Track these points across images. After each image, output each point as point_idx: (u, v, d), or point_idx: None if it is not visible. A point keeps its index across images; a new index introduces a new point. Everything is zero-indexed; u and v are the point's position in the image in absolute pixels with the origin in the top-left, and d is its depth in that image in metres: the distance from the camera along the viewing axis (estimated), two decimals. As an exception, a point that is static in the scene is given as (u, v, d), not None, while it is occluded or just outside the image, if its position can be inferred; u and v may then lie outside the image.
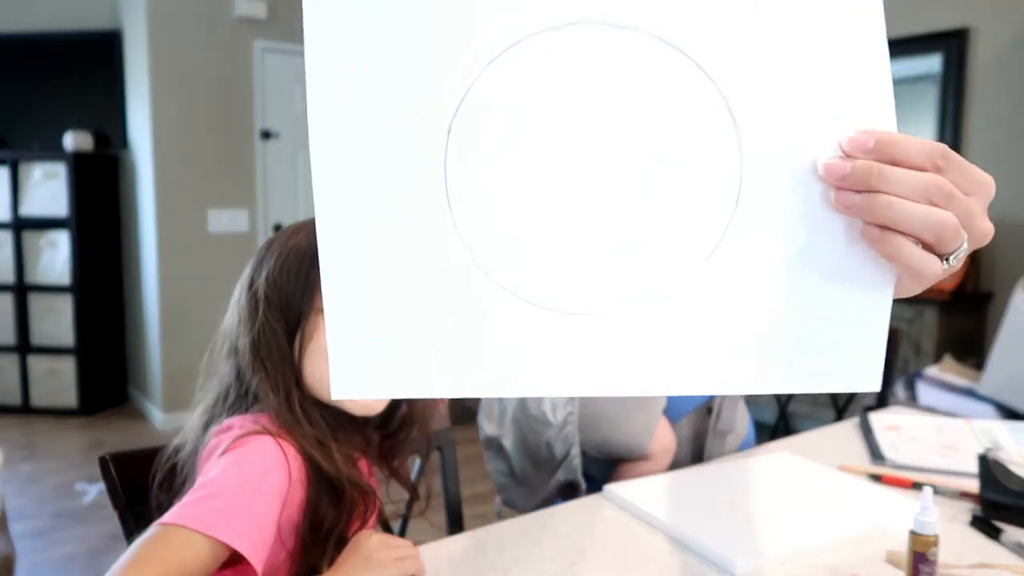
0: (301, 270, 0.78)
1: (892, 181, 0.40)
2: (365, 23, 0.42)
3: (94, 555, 2.53)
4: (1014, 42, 3.00)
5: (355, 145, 0.43)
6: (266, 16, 3.98)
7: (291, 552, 0.76)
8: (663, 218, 0.44)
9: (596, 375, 0.45)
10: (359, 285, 0.44)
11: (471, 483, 3.28)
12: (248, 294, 0.80)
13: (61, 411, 4.02)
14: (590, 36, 0.43)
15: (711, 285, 0.45)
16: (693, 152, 0.44)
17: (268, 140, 4.08)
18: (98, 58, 4.04)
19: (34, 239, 4.01)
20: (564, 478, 1.04)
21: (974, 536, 0.88)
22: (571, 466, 1.03)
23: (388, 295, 0.45)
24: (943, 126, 3.21)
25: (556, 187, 0.44)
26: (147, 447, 0.91)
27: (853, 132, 0.41)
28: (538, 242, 0.44)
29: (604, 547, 0.84)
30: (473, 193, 0.44)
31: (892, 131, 0.42)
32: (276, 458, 0.73)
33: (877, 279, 0.44)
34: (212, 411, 0.82)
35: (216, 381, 0.83)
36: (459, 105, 0.43)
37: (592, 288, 0.45)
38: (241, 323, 0.80)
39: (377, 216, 0.44)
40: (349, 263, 0.44)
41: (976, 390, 1.94)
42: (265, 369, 0.78)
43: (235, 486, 0.69)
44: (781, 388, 0.47)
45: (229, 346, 0.82)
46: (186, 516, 0.66)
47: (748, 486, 0.99)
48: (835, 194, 0.42)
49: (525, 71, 0.43)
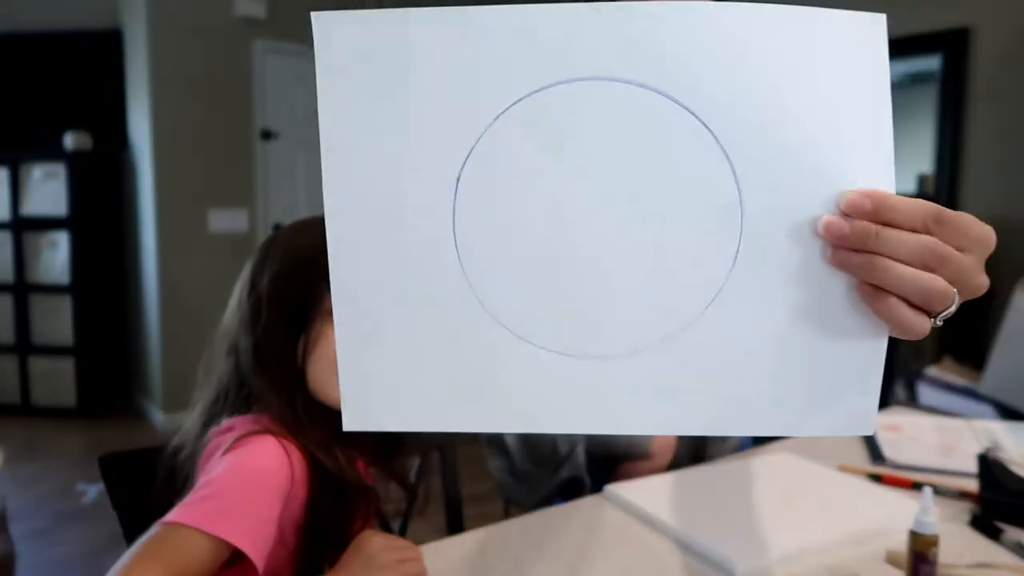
0: (306, 272, 0.77)
1: (888, 243, 0.41)
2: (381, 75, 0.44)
3: (94, 555, 2.53)
4: (1014, 42, 3.00)
5: (368, 192, 0.45)
6: (266, 16, 3.98)
7: (293, 552, 0.76)
8: (664, 268, 0.46)
9: (595, 415, 0.47)
10: (372, 326, 0.47)
11: (471, 483, 3.27)
12: (250, 295, 0.80)
13: (61, 411, 4.02)
14: (596, 91, 0.44)
15: (709, 334, 0.47)
16: (695, 206, 0.45)
17: (268, 140, 4.08)
18: (98, 58, 4.04)
19: (34, 239, 4.01)
20: (568, 475, 1.04)
21: (974, 536, 0.88)
22: (575, 463, 1.03)
23: (400, 336, 0.47)
24: (943, 126, 3.21)
25: (561, 237, 0.46)
26: (147, 447, 0.91)
27: (852, 192, 0.43)
28: (543, 289, 0.46)
29: (604, 547, 0.84)
30: (480, 240, 0.46)
31: (890, 191, 0.43)
32: (278, 457, 0.73)
33: (871, 333, 0.45)
34: (212, 411, 0.81)
35: (215, 380, 0.82)
36: (467, 156, 0.45)
37: (594, 334, 0.47)
38: (243, 324, 0.79)
39: (389, 260, 0.46)
40: (362, 305, 0.46)
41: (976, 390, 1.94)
42: (268, 371, 0.77)
43: (237, 485, 0.69)
44: (777, 432, 0.48)
45: (229, 346, 0.81)
46: (188, 515, 0.66)
47: (748, 486, 0.99)
48: (832, 252, 0.44)
49: (532, 124, 0.45)
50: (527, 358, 0.47)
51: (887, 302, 0.42)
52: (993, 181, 3.07)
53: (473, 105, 0.45)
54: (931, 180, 3.27)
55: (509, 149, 0.45)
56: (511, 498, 1.06)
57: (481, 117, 0.45)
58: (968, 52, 3.13)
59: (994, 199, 3.06)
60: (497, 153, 0.45)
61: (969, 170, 3.15)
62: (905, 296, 0.42)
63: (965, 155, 3.16)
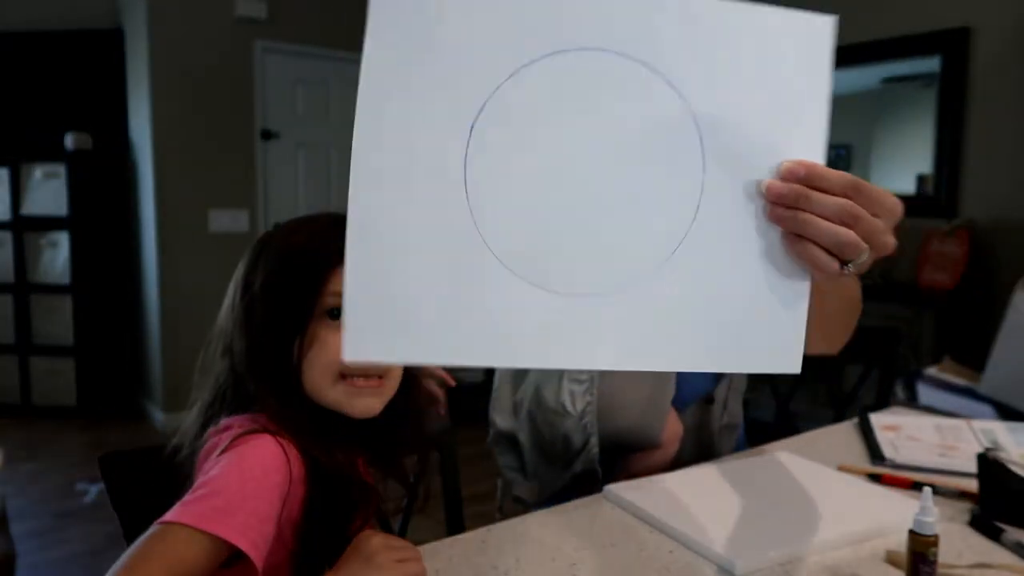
0: (301, 273, 0.77)
1: (814, 203, 0.53)
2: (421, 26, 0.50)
3: (94, 555, 2.53)
4: (1014, 42, 3.00)
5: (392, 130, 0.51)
6: (266, 16, 3.98)
7: (292, 552, 0.76)
8: (639, 219, 0.54)
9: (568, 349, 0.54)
10: (379, 257, 0.51)
11: (471, 483, 3.27)
12: (244, 295, 0.79)
13: (61, 411, 4.02)
14: (592, 60, 0.52)
15: (672, 277, 0.55)
16: (667, 165, 0.54)
17: (268, 140, 4.08)
18: (98, 58, 4.04)
19: (34, 239, 4.01)
20: (582, 468, 1.04)
21: (974, 536, 0.88)
22: (590, 455, 1.03)
23: (404, 267, 0.51)
24: (943, 126, 3.21)
25: (554, 184, 0.53)
26: (147, 447, 0.91)
27: (790, 161, 0.54)
28: (533, 228, 0.53)
29: (604, 547, 0.84)
30: (486, 183, 0.52)
31: (820, 162, 0.55)
32: (276, 456, 0.73)
33: (797, 276, 0.56)
34: (209, 411, 0.81)
35: (212, 380, 0.82)
36: (481, 108, 0.52)
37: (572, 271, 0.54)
38: (237, 325, 0.79)
39: (403, 196, 0.51)
40: (372, 236, 0.51)
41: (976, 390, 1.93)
42: (264, 373, 0.77)
43: (235, 484, 0.69)
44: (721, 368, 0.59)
45: (224, 346, 0.81)
46: (186, 514, 0.66)
47: (748, 486, 0.99)
48: (770, 209, 0.55)
49: (537, 86, 0.52)
50: (511, 287, 0.52)
51: (807, 247, 0.54)
52: (993, 181, 3.07)
53: (492, 62, 0.51)
54: (931, 180, 3.27)
55: (517, 105, 0.52)
56: (519, 497, 1.05)
57: (496, 75, 0.51)
58: (968, 52, 3.13)
59: (994, 199, 3.06)
60: (507, 108, 0.51)
61: (969, 170, 3.15)
62: (823, 244, 0.53)
63: (965, 155, 3.16)
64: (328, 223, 0.80)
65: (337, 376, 0.77)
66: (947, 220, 3.13)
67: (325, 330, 0.77)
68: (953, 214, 3.15)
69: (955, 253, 3.05)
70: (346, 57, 4.18)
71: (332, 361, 0.76)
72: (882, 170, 3.48)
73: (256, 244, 0.82)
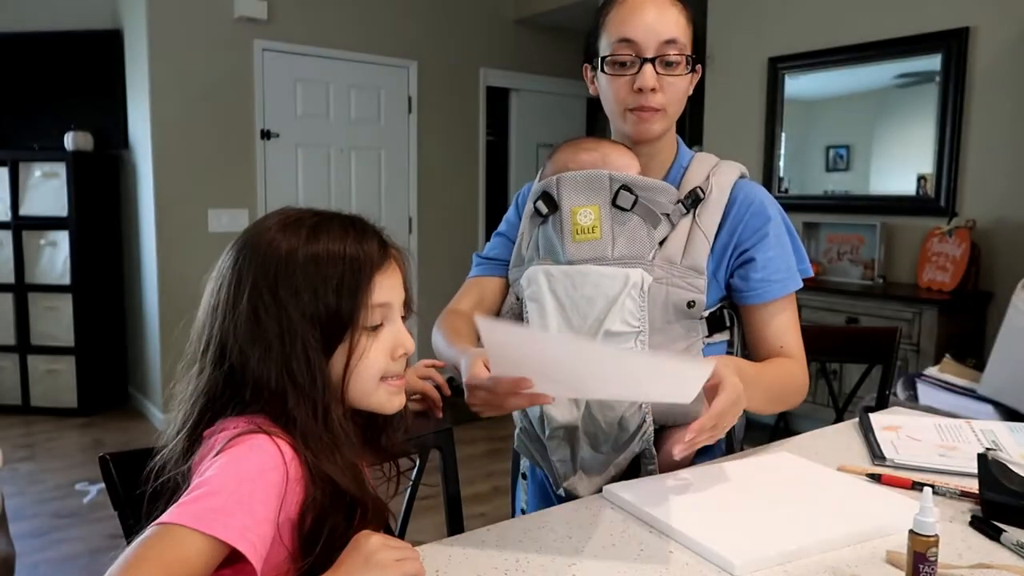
0: (345, 281, 0.77)
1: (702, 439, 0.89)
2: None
3: (94, 555, 2.53)
4: (1014, 42, 3.00)
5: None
6: (266, 16, 3.98)
7: (292, 553, 0.75)
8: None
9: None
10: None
11: (471, 483, 3.28)
12: (243, 298, 0.76)
13: (61, 411, 4.02)
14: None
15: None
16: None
17: (268, 140, 4.08)
18: (98, 58, 4.04)
19: (34, 239, 4.01)
20: (640, 448, 1.07)
21: (974, 536, 0.88)
22: (646, 436, 1.07)
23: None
24: (943, 126, 3.20)
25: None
26: (147, 447, 0.91)
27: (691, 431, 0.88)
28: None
29: (604, 547, 0.84)
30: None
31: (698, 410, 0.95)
32: (273, 457, 0.72)
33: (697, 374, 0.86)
34: (202, 414, 0.80)
35: (204, 382, 0.81)
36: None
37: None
38: (236, 328, 0.77)
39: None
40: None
41: (976, 390, 1.93)
42: (300, 389, 0.76)
43: (232, 485, 0.69)
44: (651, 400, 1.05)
45: (215, 351, 0.79)
46: (184, 515, 0.66)
47: (748, 486, 0.99)
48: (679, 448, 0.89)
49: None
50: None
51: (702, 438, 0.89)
52: (993, 181, 3.07)
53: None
54: (931, 180, 3.27)
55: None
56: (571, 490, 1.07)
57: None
58: (968, 52, 3.13)
59: (994, 199, 3.06)
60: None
61: (969, 170, 3.15)
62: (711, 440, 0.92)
63: (965, 155, 3.16)
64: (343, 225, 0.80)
65: (379, 380, 0.81)
66: (947, 220, 3.13)
67: (368, 341, 0.79)
68: (953, 214, 3.15)
69: (955, 253, 3.05)
70: (346, 57, 4.18)
71: (379, 367, 0.81)
72: (882, 170, 3.48)
73: (240, 243, 0.80)
